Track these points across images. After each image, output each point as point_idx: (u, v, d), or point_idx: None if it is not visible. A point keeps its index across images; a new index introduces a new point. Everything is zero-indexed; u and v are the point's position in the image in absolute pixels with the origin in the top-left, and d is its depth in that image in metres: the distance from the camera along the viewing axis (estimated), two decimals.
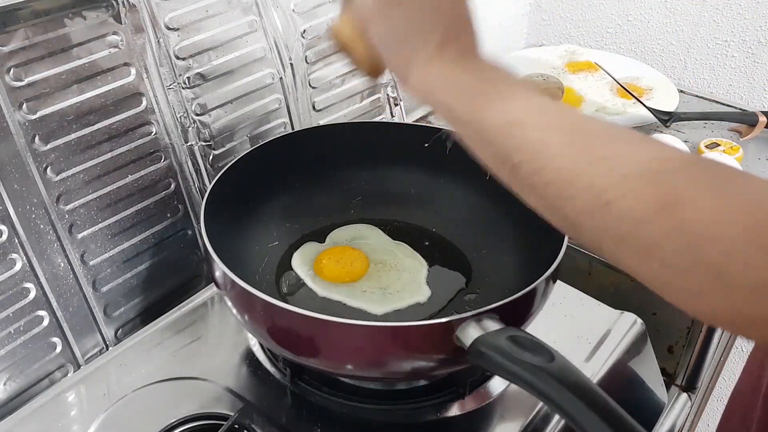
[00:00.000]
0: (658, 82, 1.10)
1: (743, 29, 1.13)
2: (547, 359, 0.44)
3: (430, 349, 0.52)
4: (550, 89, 0.86)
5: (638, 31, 1.24)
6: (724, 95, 1.18)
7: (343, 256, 0.69)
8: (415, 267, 0.70)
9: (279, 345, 0.55)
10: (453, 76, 0.42)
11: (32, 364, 0.61)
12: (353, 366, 0.55)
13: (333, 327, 0.51)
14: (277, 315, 0.52)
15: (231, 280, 0.53)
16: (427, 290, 0.67)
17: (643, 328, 0.70)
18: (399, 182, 0.76)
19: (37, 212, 0.60)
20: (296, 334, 0.53)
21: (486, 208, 0.72)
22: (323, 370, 0.58)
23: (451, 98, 0.41)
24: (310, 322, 0.50)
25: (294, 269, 0.69)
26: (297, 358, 0.56)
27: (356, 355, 0.53)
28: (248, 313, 0.56)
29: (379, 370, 0.55)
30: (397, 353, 0.52)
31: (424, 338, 0.51)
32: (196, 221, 0.72)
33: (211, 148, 0.73)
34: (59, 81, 0.60)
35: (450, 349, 0.50)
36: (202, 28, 0.70)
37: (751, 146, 0.99)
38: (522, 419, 0.59)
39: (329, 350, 0.54)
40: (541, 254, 0.59)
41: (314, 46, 0.81)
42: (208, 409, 0.59)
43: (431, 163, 0.74)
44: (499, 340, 0.47)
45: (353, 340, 0.52)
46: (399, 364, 0.54)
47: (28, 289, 0.60)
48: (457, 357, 0.50)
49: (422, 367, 0.54)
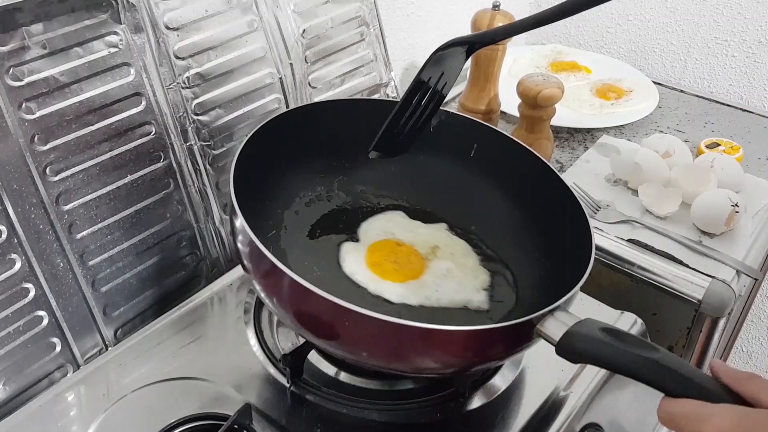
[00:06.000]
0: (640, 84, 1.11)
1: (743, 29, 1.13)
2: (651, 350, 0.44)
3: (509, 348, 0.53)
4: (550, 89, 0.86)
5: (638, 30, 1.24)
6: (724, 95, 1.18)
7: (399, 257, 0.67)
8: (461, 250, 0.69)
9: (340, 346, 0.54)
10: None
11: (31, 364, 0.61)
12: (426, 367, 0.54)
13: (418, 332, 0.49)
14: (359, 321, 0.49)
15: (288, 277, 0.50)
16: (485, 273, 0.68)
17: (643, 328, 0.70)
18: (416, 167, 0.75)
19: (36, 212, 0.60)
20: (369, 336, 0.51)
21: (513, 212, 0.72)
22: (389, 370, 0.57)
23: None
24: (389, 326, 0.48)
25: (349, 276, 0.65)
26: (359, 359, 0.55)
27: (435, 358, 0.53)
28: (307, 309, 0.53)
29: (448, 370, 0.56)
30: (473, 355, 0.52)
31: (504, 339, 0.52)
32: (196, 221, 0.72)
33: (211, 147, 0.73)
34: (59, 81, 0.60)
35: (525, 344, 0.52)
36: (201, 27, 0.70)
37: (751, 146, 0.99)
38: (522, 419, 0.59)
39: (407, 354, 0.52)
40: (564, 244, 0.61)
41: (314, 46, 0.81)
42: (207, 409, 0.59)
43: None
44: (593, 332, 0.47)
45: (433, 345, 0.51)
46: (473, 365, 0.54)
47: (28, 289, 0.60)
48: (524, 346, 0.52)
49: (492, 363, 0.55)
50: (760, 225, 0.84)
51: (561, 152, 0.98)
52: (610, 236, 0.81)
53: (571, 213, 0.63)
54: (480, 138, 0.73)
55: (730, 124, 1.05)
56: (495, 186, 0.73)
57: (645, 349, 0.44)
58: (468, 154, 0.74)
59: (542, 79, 0.87)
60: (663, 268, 0.77)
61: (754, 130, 1.04)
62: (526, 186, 0.70)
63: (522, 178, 0.70)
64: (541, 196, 0.68)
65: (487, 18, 0.88)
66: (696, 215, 0.81)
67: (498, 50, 0.90)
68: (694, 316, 0.76)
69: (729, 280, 0.76)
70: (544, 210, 0.68)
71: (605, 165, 0.93)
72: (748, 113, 1.08)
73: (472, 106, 0.95)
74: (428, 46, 0.66)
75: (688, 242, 0.80)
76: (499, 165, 0.72)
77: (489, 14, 0.88)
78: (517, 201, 0.71)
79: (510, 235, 0.71)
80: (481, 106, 0.94)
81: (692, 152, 0.94)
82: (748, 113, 1.08)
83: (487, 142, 0.72)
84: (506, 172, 0.72)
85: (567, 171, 0.93)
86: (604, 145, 0.98)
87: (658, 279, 0.77)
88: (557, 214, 0.66)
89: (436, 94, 0.66)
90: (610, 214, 0.84)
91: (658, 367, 0.43)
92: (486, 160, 0.73)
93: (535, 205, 0.69)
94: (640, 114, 1.04)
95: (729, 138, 0.98)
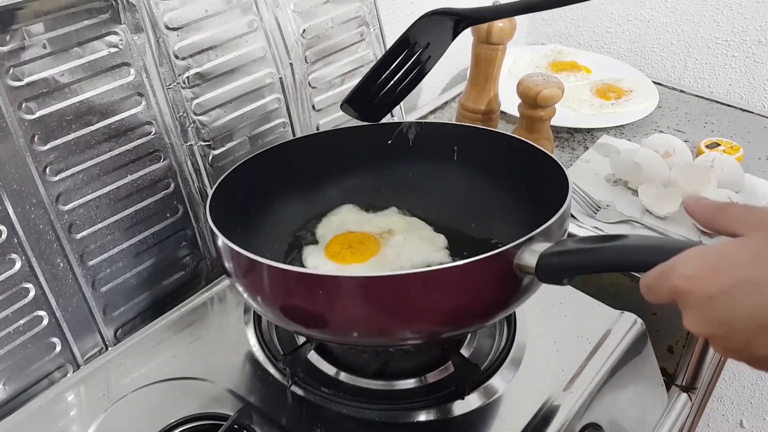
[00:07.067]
0: (640, 84, 1.11)
1: (743, 29, 1.13)
2: (619, 238, 0.45)
3: (490, 285, 0.51)
4: (550, 89, 0.86)
5: (638, 30, 1.24)
6: (724, 95, 1.18)
7: (353, 241, 0.70)
8: (415, 224, 0.72)
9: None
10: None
11: (31, 364, 0.61)
12: (417, 320, 0.53)
13: (391, 280, 0.49)
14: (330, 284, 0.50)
15: (245, 257, 0.51)
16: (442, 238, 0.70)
17: (643, 328, 0.70)
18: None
19: (36, 212, 0.60)
20: (336, 300, 0.51)
21: (489, 192, 0.73)
22: (376, 336, 0.55)
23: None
24: (362, 282, 0.48)
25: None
26: (338, 330, 0.54)
27: (419, 307, 0.51)
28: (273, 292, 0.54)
29: (437, 322, 0.53)
30: (460, 294, 0.51)
31: (482, 274, 0.50)
32: (196, 221, 0.72)
33: (211, 147, 0.73)
34: (59, 81, 0.60)
35: (508, 281, 0.51)
36: (201, 27, 0.70)
37: (751, 146, 0.99)
38: (522, 419, 0.59)
39: (386, 308, 0.51)
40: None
41: (314, 46, 0.81)
42: (207, 409, 0.59)
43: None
44: (566, 246, 0.48)
45: (412, 291, 0.50)
46: (459, 310, 0.52)
47: (28, 289, 0.60)
48: (514, 288, 0.52)
49: (480, 308, 0.53)
50: None
51: (561, 152, 0.98)
52: None
53: (539, 164, 0.65)
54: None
55: (730, 124, 1.05)
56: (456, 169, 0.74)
57: (615, 240, 0.45)
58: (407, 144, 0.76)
59: (542, 79, 0.87)
60: None
61: (754, 130, 1.04)
62: (483, 158, 0.72)
63: (477, 153, 0.72)
64: (512, 166, 0.70)
65: None
66: None
67: (498, 50, 0.90)
68: None
69: None
70: (511, 175, 0.70)
71: (605, 165, 0.93)
72: (748, 113, 1.08)
73: (472, 106, 0.95)
74: None
75: None
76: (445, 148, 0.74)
77: None
78: (478, 174, 0.73)
79: (468, 204, 0.73)
80: (481, 106, 0.94)
81: (692, 152, 0.94)
82: (748, 113, 1.08)
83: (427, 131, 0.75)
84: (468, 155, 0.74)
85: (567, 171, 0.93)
86: (604, 145, 0.98)
87: None
88: (521, 171, 0.68)
89: (417, 65, 0.65)
90: (610, 214, 0.84)
91: (628, 249, 0.44)
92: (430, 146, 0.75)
93: (501, 174, 0.71)
94: (640, 114, 1.04)
95: (729, 138, 0.98)
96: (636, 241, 0.45)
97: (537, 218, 0.66)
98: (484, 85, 0.94)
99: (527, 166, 0.67)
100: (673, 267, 0.38)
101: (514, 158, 0.69)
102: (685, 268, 0.37)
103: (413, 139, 0.74)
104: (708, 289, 0.36)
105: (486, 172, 0.73)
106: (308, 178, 0.74)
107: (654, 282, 0.40)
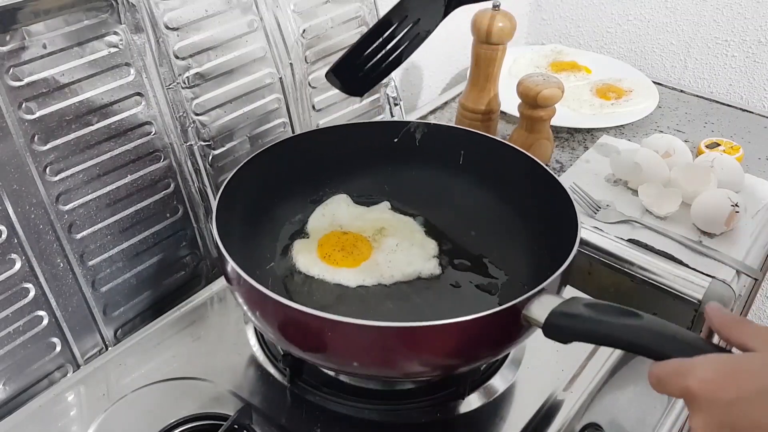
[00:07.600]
0: (640, 84, 1.11)
1: (743, 29, 1.13)
2: (634, 317, 0.44)
3: (497, 336, 0.52)
4: (550, 89, 0.86)
5: (638, 30, 1.24)
6: (724, 95, 1.18)
7: (346, 243, 0.70)
8: (407, 226, 0.73)
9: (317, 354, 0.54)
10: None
11: (31, 364, 0.61)
12: (416, 368, 0.54)
13: (391, 332, 0.49)
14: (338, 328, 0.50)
15: (246, 282, 0.52)
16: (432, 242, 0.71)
17: None
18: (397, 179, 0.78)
19: (36, 212, 0.60)
20: (337, 341, 0.52)
21: (494, 206, 0.74)
22: (375, 375, 0.58)
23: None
24: (365, 329, 0.49)
25: (304, 272, 0.68)
26: (339, 366, 0.56)
27: (424, 356, 0.52)
28: (261, 311, 0.54)
29: (441, 368, 0.55)
30: (464, 344, 0.51)
31: (491, 326, 0.51)
32: (196, 221, 0.72)
33: (211, 147, 0.73)
34: (59, 81, 0.59)
35: (515, 330, 0.51)
36: (201, 27, 0.70)
37: (751, 146, 0.99)
38: (522, 419, 0.59)
39: (388, 355, 0.52)
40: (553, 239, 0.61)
41: (314, 46, 0.81)
42: (207, 409, 0.59)
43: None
44: (577, 309, 0.47)
45: (420, 340, 0.50)
46: (464, 357, 0.53)
47: (28, 289, 0.60)
48: (514, 333, 0.52)
49: (483, 353, 0.54)
50: (760, 225, 0.84)
51: (561, 152, 0.98)
52: (610, 236, 0.81)
53: (552, 194, 0.65)
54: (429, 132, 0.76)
55: (730, 124, 1.05)
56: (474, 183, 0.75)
57: (629, 317, 0.45)
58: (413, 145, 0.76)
59: (542, 79, 0.87)
60: (663, 268, 0.77)
61: (754, 130, 1.04)
62: (490, 169, 0.73)
63: (488, 165, 0.73)
64: (519, 184, 0.70)
65: (487, 18, 0.88)
66: (696, 215, 0.81)
67: (498, 50, 0.90)
68: (694, 316, 0.76)
69: (729, 280, 0.76)
70: (518, 192, 0.71)
71: (605, 165, 0.93)
72: (748, 113, 1.08)
73: (472, 106, 0.95)
74: (428, 46, 0.66)
75: (688, 242, 0.80)
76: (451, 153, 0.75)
77: (489, 14, 0.88)
78: (483, 184, 0.74)
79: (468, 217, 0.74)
80: (481, 106, 0.94)
81: (692, 152, 0.94)
82: (748, 113, 1.08)
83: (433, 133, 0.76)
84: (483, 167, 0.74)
85: (567, 171, 0.93)
86: (604, 145, 0.98)
87: (658, 279, 0.77)
88: (532, 194, 0.68)
89: (405, 40, 0.65)
90: (610, 214, 0.84)
91: (642, 332, 0.43)
92: (437, 152, 0.76)
93: (507, 189, 0.72)
94: (640, 114, 1.04)
95: (729, 138, 0.98)
96: (650, 325, 0.44)
97: (538, 245, 0.69)
98: (484, 85, 0.94)
99: (538, 192, 0.68)
100: (692, 369, 0.39)
101: (525, 179, 0.69)
102: (705, 373, 0.38)
103: (420, 139, 0.75)
104: (726, 395, 0.37)
105: (491, 183, 0.73)
106: (310, 173, 0.74)
107: (667, 378, 0.40)
